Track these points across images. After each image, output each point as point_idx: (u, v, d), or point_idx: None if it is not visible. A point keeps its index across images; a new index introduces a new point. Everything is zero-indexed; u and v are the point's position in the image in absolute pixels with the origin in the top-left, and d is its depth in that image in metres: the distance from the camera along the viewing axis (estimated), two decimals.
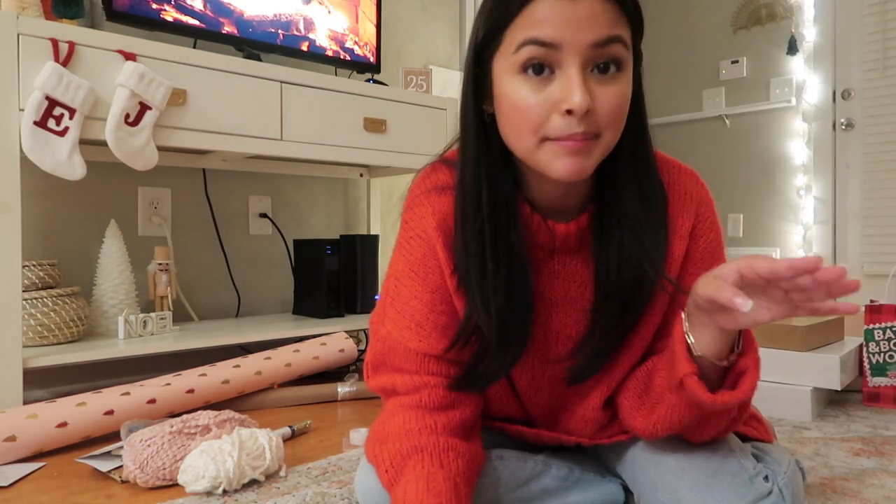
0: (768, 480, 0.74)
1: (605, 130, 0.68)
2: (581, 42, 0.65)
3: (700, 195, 0.80)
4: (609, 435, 0.86)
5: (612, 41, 0.66)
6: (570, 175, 0.68)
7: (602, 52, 0.66)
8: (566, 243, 0.79)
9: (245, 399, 1.55)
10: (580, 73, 0.65)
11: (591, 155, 0.68)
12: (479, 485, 0.80)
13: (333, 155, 1.84)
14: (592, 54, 0.66)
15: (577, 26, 0.65)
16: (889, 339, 1.59)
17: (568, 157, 0.68)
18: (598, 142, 0.68)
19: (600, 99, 0.67)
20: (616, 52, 0.67)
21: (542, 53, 0.66)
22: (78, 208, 1.80)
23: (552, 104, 0.67)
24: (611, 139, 0.69)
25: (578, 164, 0.68)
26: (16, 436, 1.15)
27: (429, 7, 2.67)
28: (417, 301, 0.79)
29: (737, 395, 0.67)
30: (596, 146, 0.68)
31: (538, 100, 0.67)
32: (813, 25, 2.94)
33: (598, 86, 0.67)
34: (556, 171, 0.69)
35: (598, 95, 0.67)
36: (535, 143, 0.69)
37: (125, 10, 1.64)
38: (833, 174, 2.91)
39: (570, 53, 0.65)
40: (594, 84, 0.67)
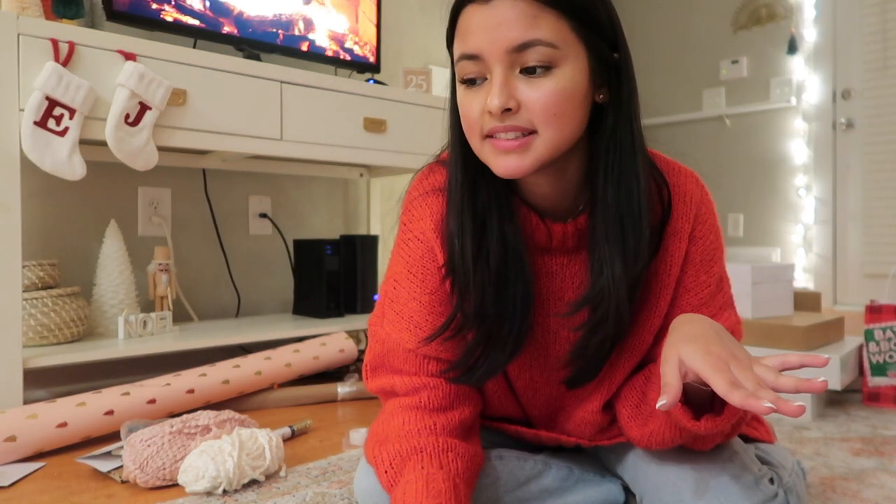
0: (773, 483, 0.74)
1: (540, 126, 0.68)
2: (497, 50, 0.67)
3: (700, 197, 0.80)
4: (609, 437, 0.86)
5: (529, 45, 0.66)
6: (507, 173, 0.70)
7: (522, 57, 0.67)
8: (564, 243, 0.79)
9: (245, 399, 1.55)
10: (501, 77, 0.67)
11: (527, 153, 0.69)
12: (479, 485, 0.80)
13: (333, 155, 1.84)
14: (514, 58, 0.67)
15: (493, 34, 0.67)
16: (889, 339, 1.59)
17: (503, 156, 0.70)
18: (538, 138, 0.69)
19: (528, 97, 0.67)
20: (540, 55, 0.66)
21: (471, 65, 0.69)
22: (78, 208, 1.80)
23: (482, 107, 0.69)
24: (552, 135, 0.69)
25: (514, 162, 0.69)
26: (16, 436, 1.15)
27: (429, 7, 2.67)
28: (416, 303, 0.79)
29: (719, 422, 0.67)
30: (536, 143, 0.69)
31: (474, 103, 0.70)
32: (813, 25, 2.94)
33: (525, 85, 0.68)
34: (496, 169, 0.71)
35: (526, 92, 0.67)
36: (479, 143, 0.71)
37: (125, 10, 1.64)
38: (833, 174, 2.90)
39: (492, 60, 0.68)
40: (522, 84, 0.68)
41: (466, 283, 0.75)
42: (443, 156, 0.84)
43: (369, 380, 0.85)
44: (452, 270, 0.76)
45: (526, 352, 0.82)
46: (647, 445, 0.78)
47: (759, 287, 1.64)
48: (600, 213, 0.74)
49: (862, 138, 2.82)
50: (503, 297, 0.75)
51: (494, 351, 0.77)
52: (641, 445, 0.79)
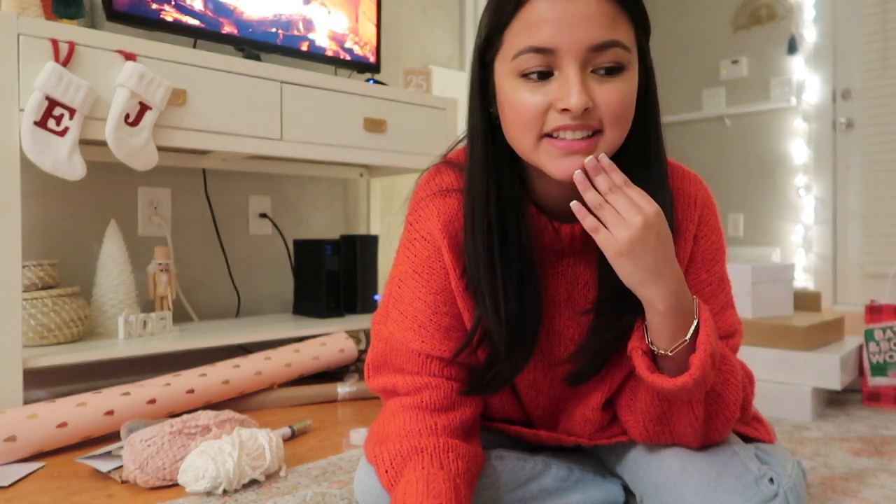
0: (773, 482, 0.74)
1: (607, 128, 0.68)
2: (578, 45, 0.65)
3: (704, 199, 0.81)
4: (609, 435, 0.86)
5: (610, 45, 0.66)
6: (569, 175, 0.68)
7: (600, 56, 0.66)
8: (572, 245, 0.79)
9: (245, 399, 1.55)
10: (578, 74, 0.66)
11: (592, 154, 0.68)
12: (479, 485, 0.80)
13: (333, 155, 1.84)
14: (590, 57, 0.66)
15: (574, 28, 0.65)
16: (889, 339, 1.59)
17: (567, 158, 0.68)
18: (601, 139, 0.69)
19: (601, 97, 0.67)
20: (616, 56, 0.67)
21: (540, 60, 0.67)
22: (78, 208, 1.80)
23: (550, 103, 0.67)
24: (615, 137, 0.69)
25: (578, 163, 0.68)
26: (16, 436, 1.15)
27: (429, 7, 2.67)
28: (420, 302, 0.79)
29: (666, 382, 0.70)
30: (598, 144, 0.69)
31: (537, 99, 0.68)
32: (813, 25, 2.94)
33: (598, 85, 0.67)
34: (555, 172, 0.69)
35: (598, 94, 0.67)
36: (534, 141, 0.69)
37: (125, 10, 1.64)
38: (833, 174, 2.90)
39: (568, 56, 0.66)
40: (594, 83, 0.67)
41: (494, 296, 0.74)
42: (449, 156, 0.83)
43: (371, 378, 0.85)
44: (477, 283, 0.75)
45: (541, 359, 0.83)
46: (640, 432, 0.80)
47: (759, 287, 1.64)
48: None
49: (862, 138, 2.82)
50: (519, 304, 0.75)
51: (508, 360, 0.77)
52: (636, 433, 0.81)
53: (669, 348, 0.70)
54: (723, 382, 0.74)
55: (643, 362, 0.71)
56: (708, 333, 0.70)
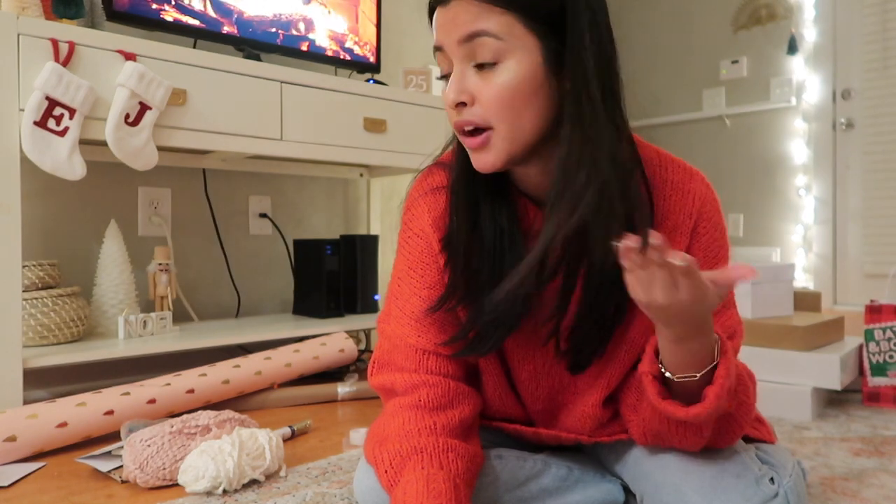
0: (774, 482, 0.74)
1: (494, 121, 0.71)
2: (451, 42, 0.71)
3: (705, 195, 0.81)
4: (609, 433, 0.86)
5: (474, 36, 0.69)
6: (481, 169, 0.73)
7: (473, 47, 0.70)
8: None
9: (245, 399, 1.55)
10: (457, 72, 0.72)
11: (492, 149, 0.72)
12: (479, 484, 0.80)
13: (333, 155, 1.84)
14: (466, 51, 0.70)
15: (447, 28, 0.71)
16: (889, 339, 1.59)
17: (474, 154, 0.74)
18: (495, 134, 0.71)
19: (480, 92, 0.71)
20: (485, 45, 0.69)
21: (441, 57, 0.74)
22: (78, 208, 1.80)
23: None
24: (507, 129, 0.71)
25: (483, 157, 0.73)
26: (16, 436, 1.15)
27: None
28: (416, 297, 0.81)
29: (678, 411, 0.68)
30: (494, 139, 0.71)
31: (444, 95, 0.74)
32: (813, 25, 2.94)
33: (478, 79, 0.71)
34: (474, 165, 0.74)
35: (476, 87, 0.71)
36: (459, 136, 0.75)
37: (125, 10, 1.64)
38: (833, 174, 2.90)
39: (449, 52, 0.72)
40: (476, 78, 0.71)
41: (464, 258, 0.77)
42: (441, 157, 0.86)
43: (372, 376, 0.86)
44: (448, 244, 0.79)
45: (527, 342, 0.83)
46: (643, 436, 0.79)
47: (759, 287, 1.64)
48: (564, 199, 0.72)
49: (862, 138, 2.82)
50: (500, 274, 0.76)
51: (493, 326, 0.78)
52: (639, 436, 0.80)
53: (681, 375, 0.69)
54: (737, 404, 0.74)
55: (654, 388, 0.70)
56: (728, 367, 0.68)
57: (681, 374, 0.69)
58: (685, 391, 0.70)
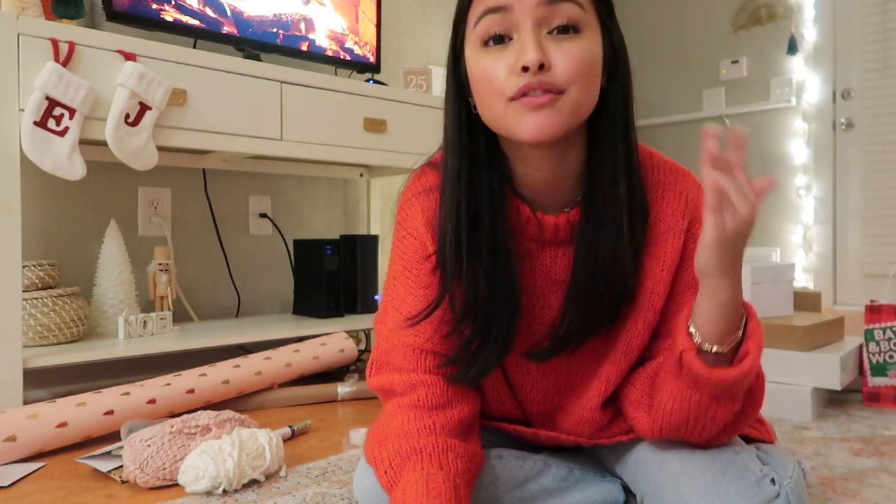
0: (775, 483, 0.74)
1: (568, 85, 0.69)
2: (526, 2, 0.67)
3: (697, 196, 0.81)
4: (609, 435, 0.86)
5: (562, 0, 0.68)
6: (538, 132, 0.69)
7: (554, 13, 0.68)
8: (556, 236, 0.79)
9: (245, 399, 1.55)
10: (533, 33, 0.68)
11: (558, 110, 0.69)
12: (478, 484, 0.80)
13: (333, 155, 1.84)
14: (544, 13, 0.68)
15: None
16: (889, 339, 1.59)
17: (533, 114, 0.68)
18: (565, 97, 0.69)
19: (558, 55, 0.68)
20: (568, 11, 0.68)
21: (497, 20, 0.69)
22: (78, 208, 1.80)
23: (511, 65, 0.69)
24: (579, 96, 0.69)
25: (546, 119, 0.68)
26: (16, 436, 1.15)
27: (428, 7, 2.67)
28: (412, 297, 0.81)
29: (732, 372, 0.68)
30: (563, 102, 0.69)
31: (499, 64, 0.69)
32: (813, 25, 2.94)
33: (554, 44, 0.68)
34: (524, 132, 0.69)
35: (555, 53, 0.68)
36: (502, 106, 0.70)
37: (125, 10, 1.64)
38: (833, 174, 2.90)
39: (521, 14, 0.68)
40: (551, 43, 0.68)
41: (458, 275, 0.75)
42: (434, 158, 0.85)
43: (371, 377, 0.86)
44: (443, 261, 0.77)
45: (521, 345, 0.83)
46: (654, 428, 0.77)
47: (759, 287, 1.64)
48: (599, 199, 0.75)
49: (862, 138, 2.82)
50: (494, 292, 0.76)
51: (487, 346, 0.77)
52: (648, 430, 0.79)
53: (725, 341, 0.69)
54: (756, 377, 0.75)
55: (699, 362, 0.69)
56: (757, 320, 0.71)
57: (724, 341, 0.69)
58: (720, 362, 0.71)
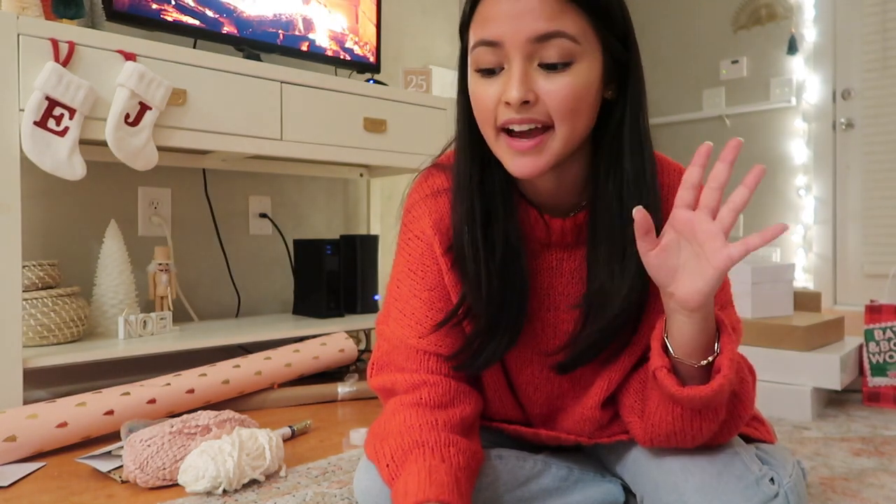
0: (774, 482, 0.74)
1: (556, 122, 0.69)
2: (519, 37, 0.67)
3: None
4: (609, 434, 0.86)
5: (552, 36, 0.67)
6: (523, 174, 0.71)
7: (545, 48, 0.68)
8: (562, 238, 0.80)
9: (245, 399, 1.55)
10: (520, 68, 0.68)
11: (543, 151, 0.70)
12: (479, 484, 0.80)
13: (333, 155, 1.84)
14: (533, 49, 0.68)
15: (516, 22, 0.67)
16: (889, 339, 1.59)
17: (520, 157, 0.71)
18: (552, 134, 0.70)
19: (546, 91, 0.68)
20: (561, 47, 0.68)
21: (489, 52, 0.69)
22: (78, 208, 1.80)
23: (498, 97, 0.70)
24: (567, 131, 0.70)
25: (530, 163, 0.70)
26: (16, 436, 1.15)
27: (429, 7, 2.67)
28: (417, 299, 0.81)
29: (703, 390, 0.68)
30: (550, 141, 0.70)
31: (487, 92, 0.71)
32: (813, 25, 2.94)
33: (544, 79, 0.69)
34: (511, 170, 0.72)
35: (543, 86, 0.68)
36: (493, 135, 0.72)
37: (125, 10, 1.64)
38: (833, 174, 2.90)
39: (512, 49, 0.68)
40: (541, 78, 0.69)
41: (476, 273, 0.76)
42: (441, 159, 0.85)
43: (372, 377, 0.86)
44: (462, 259, 0.77)
45: (526, 347, 0.83)
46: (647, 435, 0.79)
47: (759, 287, 1.64)
48: (602, 210, 0.75)
49: (862, 138, 2.82)
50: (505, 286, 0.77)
51: (493, 340, 0.78)
52: (642, 437, 0.80)
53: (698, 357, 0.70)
54: (740, 382, 0.75)
55: (671, 380, 0.70)
56: (729, 333, 0.70)
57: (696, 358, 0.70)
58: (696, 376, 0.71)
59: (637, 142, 0.74)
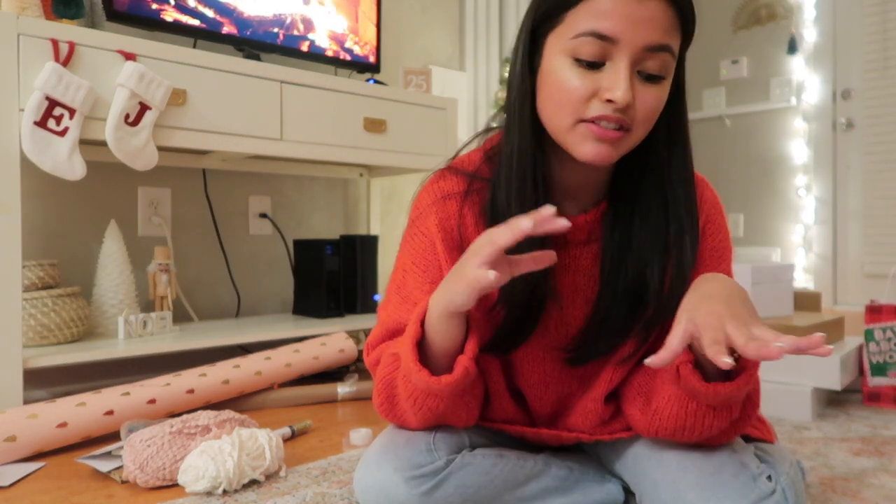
0: (771, 480, 0.74)
1: (636, 127, 0.72)
2: (637, 42, 0.69)
3: (711, 199, 0.85)
4: (610, 431, 0.87)
5: (663, 49, 0.70)
6: (595, 159, 0.73)
7: (652, 58, 0.70)
8: (576, 235, 0.82)
9: (245, 399, 1.55)
10: (628, 70, 0.69)
11: (619, 146, 0.73)
12: (479, 484, 0.80)
13: (333, 155, 1.84)
14: (643, 56, 0.70)
15: (637, 26, 0.68)
16: (889, 339, 1.59)
17: (597, 143, 0.72)
18: (628, 136, 0.73)
19: (640, 97, 0.71)
20: (664, 61, 0.71)
21: (599, 46, 0.70)
22: (78, 208, 1.80)
23: (595, 91, 0.71)
24: (639, 137, 0.74)
25: (606, 150, 0.72)
26: (16, 436, 1.15)
27: (429, 7, 2.67)
28: (419, 290, 0.83)
29: (728, 386, 0.69)
30: (625, 140, 0.73)
31: (584, 84, 0.71)
32: (813, 25, 2.94)
33: (640, 85, 0.71)
34: (582, 153, 0.73)
35: (638, 94, 0.71)
36: (570, 123, 0.73)
37: (125, 10, 1.64)
38: (833, 174, 2.91)
39: (624, 50, 0.69)
40: (637, 83, 0.71)
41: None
42: (454, 162, 0.87)
43: (368, 355, 0.86)
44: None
45: (539, 345, 0.84)
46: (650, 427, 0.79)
47: (759, 287, 1.64)
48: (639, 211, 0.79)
49: (862, 138, 2.82)
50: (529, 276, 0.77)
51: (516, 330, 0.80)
52: (644, 428, 0.80)
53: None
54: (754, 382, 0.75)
55: (696, 376, 0.71)
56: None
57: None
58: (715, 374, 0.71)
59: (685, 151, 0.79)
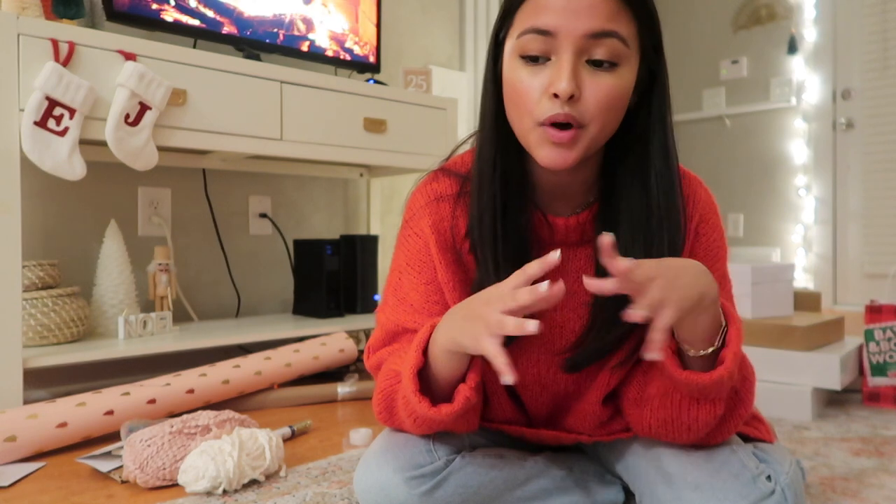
0: (771, 480, 0.74)
1: (590, 121, 0.70)
2: (575, 31, 0.68)
3: (704, 198, 0.84)
4: (609, 432, 0.87)
5: (606, 35, 0.68)
6: (552, 164, 0.72)
7: (596, 44, 0.69)
8: (566, 237, 0.81)
9: (245, 399, 1.55)
10: (571, 61, 0.68)
11: (574, 147, 0.71)
12: (479, 484, 0.80)
13: (333, 155, 1.84)
14: (586, 45, 0.69)
15: (574, 15, 0.68)
16: (889, 339, 1.59)
17: (553, 148, 0.71)
18: (584, 132, 0.71)
19: (588, 89, 0.69)
20: (612, 48, 0.69)
21: (540, 41, 0.69)
22: (78, 208, 1.80)
23: (543, 87, 0.70)
24: (596, 131, 0.71)
25: (561, 155, 0.71)
26: (16, 436, 1.15)
27: (429, 7, 2.67)
28: (415, 291, 0.83)
29: (703, 378, 0.69)
30: (580, 137, 0.71)
31: (533, 83, 0.71)
32: (813, 25, 2.94)
33: (589, 77, 0.70)
34: (541, 159, 0.73)
35: (587, 85, 0.69)
36: (529, 126, 0.72)
37: (125, 10, 1.64)
38: (833, 174, 2.91)
39: (565, 41, 0.68)
40: (586, 74, 0.70)
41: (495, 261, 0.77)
42: (448, 163, 0.87)
43: (368, 359, 0.87)
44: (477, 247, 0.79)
45: (534, 347, 0.83)
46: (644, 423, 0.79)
47: (759, 287, 1.64)
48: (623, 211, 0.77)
49: (862, 138, 2.82)
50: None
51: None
52: (639, 425, 0.81)
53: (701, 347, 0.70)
54: (741, 379, 0.75)
55: (673, 362, 0.71)
56: (738, 328, 0.71)
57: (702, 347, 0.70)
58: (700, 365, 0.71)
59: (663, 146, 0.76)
